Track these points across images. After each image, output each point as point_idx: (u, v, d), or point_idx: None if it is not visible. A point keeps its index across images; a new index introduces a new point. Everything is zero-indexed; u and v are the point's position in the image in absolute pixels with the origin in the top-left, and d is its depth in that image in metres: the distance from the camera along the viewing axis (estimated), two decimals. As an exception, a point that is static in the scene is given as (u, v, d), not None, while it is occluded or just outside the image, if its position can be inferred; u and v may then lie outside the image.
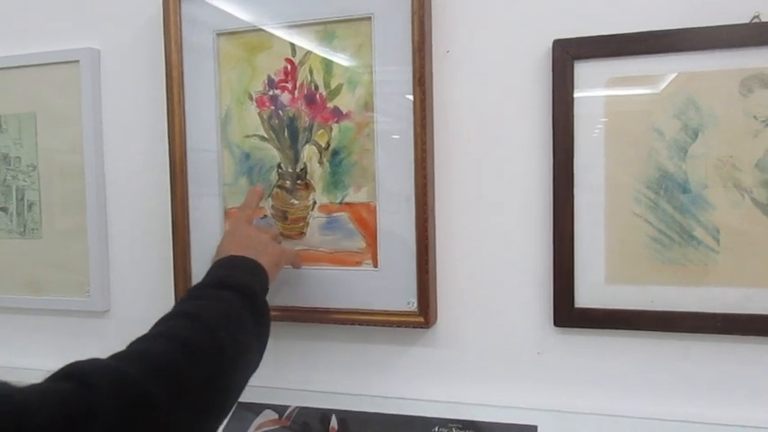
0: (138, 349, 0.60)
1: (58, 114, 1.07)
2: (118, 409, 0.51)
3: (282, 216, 0.96)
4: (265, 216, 0.96)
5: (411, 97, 0.87)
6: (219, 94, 0.97)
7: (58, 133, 1.08)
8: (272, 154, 0.95)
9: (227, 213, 0.98)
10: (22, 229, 1.11)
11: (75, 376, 0.52)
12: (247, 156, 0.97)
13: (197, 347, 0.61)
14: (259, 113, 0.96)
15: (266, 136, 0.96)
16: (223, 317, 0.67)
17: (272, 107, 0.95)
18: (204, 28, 0.96)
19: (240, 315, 0.69)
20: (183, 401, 0.57)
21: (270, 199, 0.96)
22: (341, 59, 0.91)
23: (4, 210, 1.12)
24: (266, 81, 0.95)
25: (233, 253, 0.79)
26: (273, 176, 0.96)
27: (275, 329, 0.96)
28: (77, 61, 1.05)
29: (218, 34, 0.96)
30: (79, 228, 1.07)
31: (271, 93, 0.95)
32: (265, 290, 0.78)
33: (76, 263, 1.08)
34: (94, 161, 1.06)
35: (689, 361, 0.83)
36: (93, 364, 0.54)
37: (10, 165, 1.11)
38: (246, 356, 0.68)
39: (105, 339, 1.09)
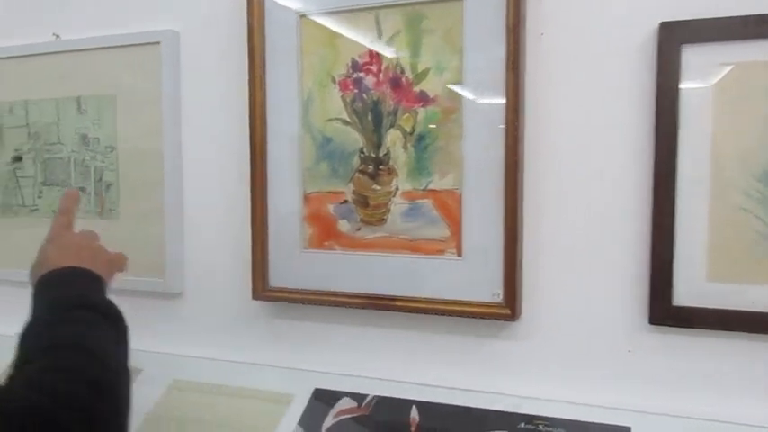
0: (46, 380, 0.58)
1: (138, 96, 1.08)
2: None
3: (363, 202, 0.94)
4: (345, 202, 0.95)
5: (503, 82, 0.84)
6: (301, 78, 0.96)
7: (138, 115, 1.08)
8: (355, 138, 0.94)
9: (305, 198, 0.97)
10: (99, 210, 1.12)
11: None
12: (329, 140, 0.95)
13: (101, 381, 0.60)
14: (342, 97, 0.94)
15: (349, 120, 0.94)
16: (103, 341, 0.65)
17: (356, 90, 0.93)
18: (287, 9, 0.95)
19: (110, 335, 0.68)
20: (93, 422, 0.57)
21: (351, 184, 0.94)
22: (429, 42, 0.88)
23: (83, 190, 1.13)
24: (350, 64, 0.93)
25: (64, 264, 0.74)
26: (355, 161, 0.94)
27: (356, 316, 0.96)
28: (158, 43, 1.05)
29: (302, 16, 0.95)
30: (156, 209, 1.07)
31: (354, 76, 0.93)
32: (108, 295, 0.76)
33: (152, 244, 1.08)
34: (172, 143, 1.06)
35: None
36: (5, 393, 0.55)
37: (89, 145, 1.12)
38: (127, 373, 0.66)
39: (177, 321, 1.09)
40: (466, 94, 0.86)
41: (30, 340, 0.65)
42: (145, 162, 1.08)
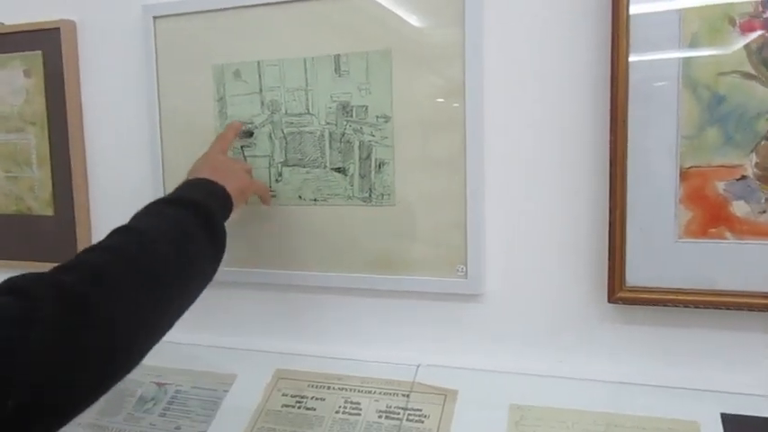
0: (80, 260, 0.62)
1: (425, 50, 0.86)
2: (56, 313, 0.53)
3: (772, 177, 0.74)
4: (744, 177, 0.74)
5: None
6: (683, 18, 0.75)
7: (423, 74, 0.86)
8: (762, 96, 0.73)
9: (683, 174, 0.77)
10: (366, 195, 0.91)
11: (12, 288, 0.54)
12: (721, 99, 0.74)
13: (136, 258, 0.63)
14: (744, 43, 0.73)
15: (754, 73, 0.73)
16: (171, 233, 0.69)
17: (766, 33, 0.72)
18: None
19: (191, 232, 0.71)
20: (121, 309, 0.59)
21: (753, 155, 0.74)
22: None
23: (342, 171, 0.92)
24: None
25: (200, 176, 0.81)
26: (762, 126, 0.73)
27: (758, 321, 0.77)
28: (461, -18, 0.83)
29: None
30: (451, 192, 0.86)
31: (766, 15, 0.72)
32: (226, 213, 0.79)
33: (445, 236, 0.87)
34: (475, 109, 0.84)
35: None
36: (28, 276, 0.56)
37: (351, 116, 0.90)
38: (192, 269, 0.70)
39: (479, 329, 0.89)
40: None
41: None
42: (435, 133, 0.87)
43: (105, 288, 0.58)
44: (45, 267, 1.12)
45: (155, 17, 0.98)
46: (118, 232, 0.67)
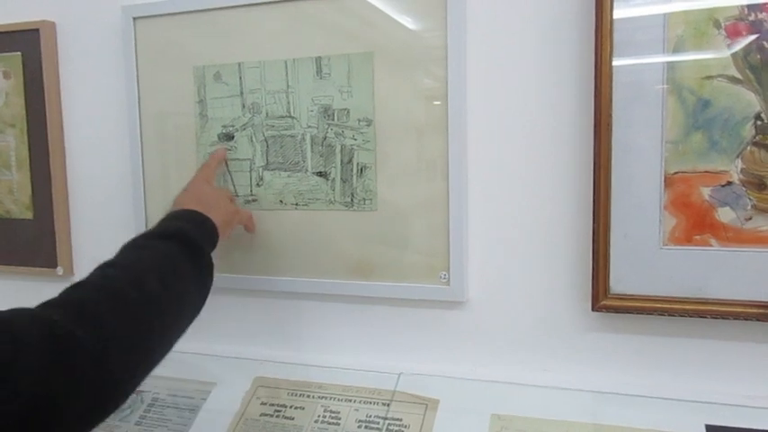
0: (66, 297, 0.61)
1: (407, 53, 0.84)
2: (43, 352, 0.52)
3: (758, 183, 0.72)
4: (729, 183, 0.73)
5: None
6: (668, 22, 0.73)
7: (406, 77, 0.85)
8: (748, 100, 0.72)
9: (667, 180, 0.75)
10: (348, 199, 0.89)
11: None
12: (706, 103, 0.73)
13: (123, 294, 0.62)
14: (729, 46, 0.72)
15: (740, 77, 0.72)
16: (158, 267, 0.68)
17: (753, 38, 0.71)
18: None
19: (177, 265, 0.71)
20: (108, 344, 0.58)
21: (739, 160, 0.73)
22: None
23: (323, 175, 0.90)
24: (745, 2, 0.71)
25: (185, 207, 0.80)
26: (747, 131, 0.72)
27: (743, 330, 0.75)
28: (442, -19, 0.82)
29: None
30: (433, 197, 0.85)
31: (751, 18, 0.71)
32: (212, 244, 0.79)
33: (426, 241, 0.86)
34: (458, 113, 0.83)
35: None
36: (16, 312, 0.55)
37: (333, 119, 0.89)
38: (180, 302, 0.69)
39: (461, 337, 0.87)
40: None
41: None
42: (418, 137, 0.85)
43: (92, 325, 0.58)
44: (24, 271, 1.10)
45: (134, 18, 0.97)
46: (104, 267, 0.67)
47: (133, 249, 0.71)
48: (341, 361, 0.91)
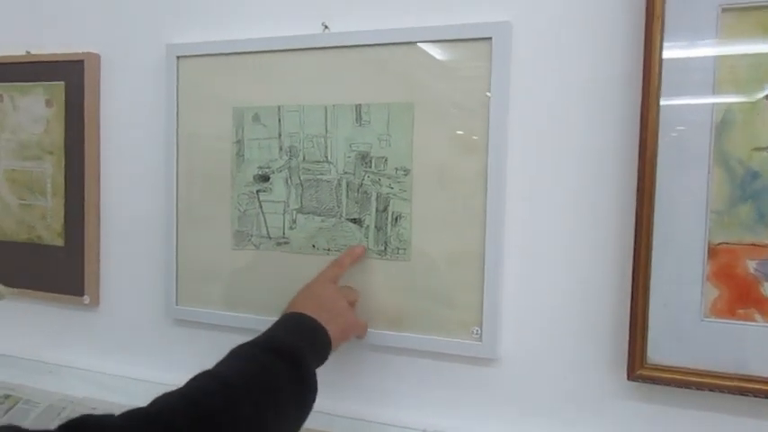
0: (156, 411, 0.60)
1: (448, 105, 0.84)
2: None
3: (806, 260, 0.70)
4: (776, 258, 0.71)
5: None
6: (717, 87, 0.72)
7: (446, 128, 0.85)
8: (798, 174, 0.70)
9: (711, 251, 0.73)
10: (382, 248, 0.88)
11: None
12: (755, 175, 0.72)
13: (211, 408, 0.61)
14: (781, 119, 0.71)
15: (792, 150, 0.71)
16: (258, 384, 0.66)
17: (805, 111, 0.70)
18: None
19: (279, 387, 0.67)
20: None
21: (789, 236, 0.71)
22: None
23: (358, 222, 0.89)
24: (799, 76, 0.70)
25: (304, 311, 0.77)
26: (797, 205, 0.71)
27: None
28: (489, 38, 0.82)
29: (725, 9, 0.72)
30: (469, 251, 0.84)
31: (805, 91, 0.70)
32: (322, 360, 0.76)
33: (460, 295, 0.85)
34: (498, 167, 0.82)
35: None
36: (102, 423, 0.55)
37: (370, 166, 0.89)
38: (275, 423, 0.65)
39: (490, 395, 0.85)
40: None
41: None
42: (452, 190, 0.85)
43: None
44: (51, 298, 1.10)
45: (178, 56, 0.98)
46: (202, 378, 0.65)
47: (239, 360, 0.69)
48: (364, 412, 0.89)
